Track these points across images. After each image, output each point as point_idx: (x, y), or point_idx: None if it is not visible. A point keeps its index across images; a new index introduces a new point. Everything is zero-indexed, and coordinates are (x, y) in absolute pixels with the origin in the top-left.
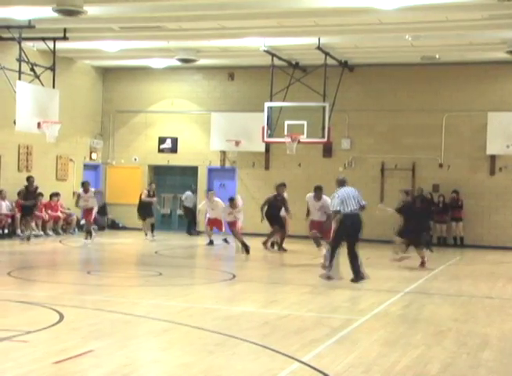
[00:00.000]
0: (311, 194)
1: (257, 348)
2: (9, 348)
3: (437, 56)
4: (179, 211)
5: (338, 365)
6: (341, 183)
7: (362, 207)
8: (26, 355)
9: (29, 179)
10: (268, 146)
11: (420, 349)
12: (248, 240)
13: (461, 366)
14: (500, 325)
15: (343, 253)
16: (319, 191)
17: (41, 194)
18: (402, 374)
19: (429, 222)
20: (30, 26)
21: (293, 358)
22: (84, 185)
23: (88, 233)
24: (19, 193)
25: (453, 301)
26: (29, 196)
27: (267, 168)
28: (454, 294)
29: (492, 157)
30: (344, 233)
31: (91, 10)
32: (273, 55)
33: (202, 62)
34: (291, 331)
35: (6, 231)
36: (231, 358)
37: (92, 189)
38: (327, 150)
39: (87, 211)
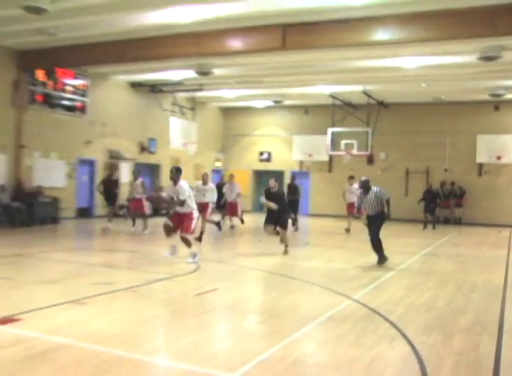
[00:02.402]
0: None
1: (323, 289)
2: (168, 285)
3: (443, 97)
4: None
5: (377, 301)
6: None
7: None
8: (177, 289)
9: (111, 168)
10: (330, 157)
11: (430, 292)
12: (313, 220)
13: (458, 303)
14: (485, 276)
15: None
16: (175, 173)
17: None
18: (418, 308)
19: (432, 207)
20: (179, 83)
21: (347, 296)
22: (134, 173)
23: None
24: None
25: (454, 260)
26: (110, 185)
27: (330, 171)
28: (454, 255)
29: (480, 165)
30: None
31: (217, 72)
32: (334, 97)
33: (287, 102)
34: (346, 279)
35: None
36: (306, 296)
37: (140, 179)
38: (370, 160)
39: (135, 201)
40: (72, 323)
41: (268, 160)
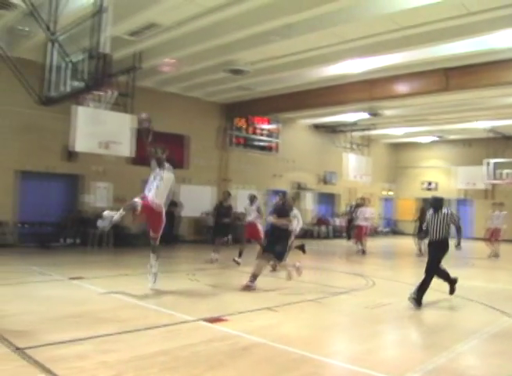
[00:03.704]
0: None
1: (485, 307)
2: (347, 298)
3: None
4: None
5: None
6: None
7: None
8: (354, 302)
9: (224, 194)
10: (492, 185)
11: None
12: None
13: None
14: None
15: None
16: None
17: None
18: None
19: None
20: (354, 123)
21: (508, 314)
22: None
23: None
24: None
25: None
26: (222, 212)
27: (491, 198)
28: None
29: None
30: None
31: (386, 113)
32: (493, 131)
33: (449, 137)
34: (506, 298)
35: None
36: (468, 312)
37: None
38: None
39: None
40: (266, 326)
41: (432, 189)
